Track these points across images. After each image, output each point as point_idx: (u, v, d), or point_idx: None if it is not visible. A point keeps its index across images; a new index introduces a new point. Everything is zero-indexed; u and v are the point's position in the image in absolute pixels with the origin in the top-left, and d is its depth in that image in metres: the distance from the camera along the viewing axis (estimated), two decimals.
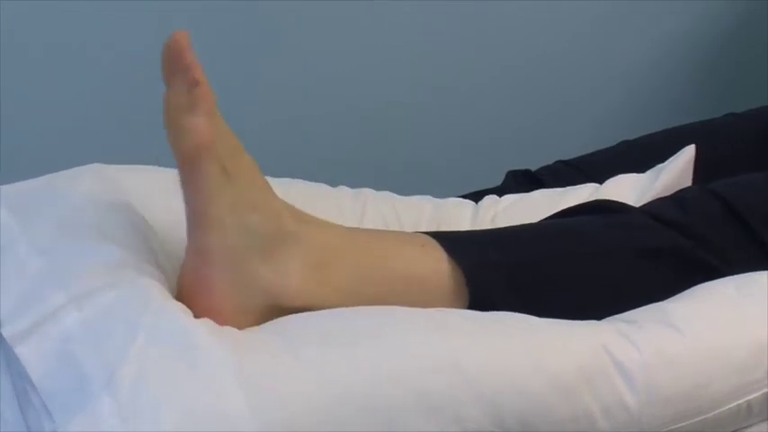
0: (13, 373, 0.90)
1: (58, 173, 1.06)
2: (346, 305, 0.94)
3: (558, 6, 1.91)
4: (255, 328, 0.91)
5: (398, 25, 1.82)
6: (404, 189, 1.29)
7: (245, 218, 0.92)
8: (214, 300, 0.92)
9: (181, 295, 0.93)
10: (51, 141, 1.63)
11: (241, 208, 0.92)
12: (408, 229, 1.20)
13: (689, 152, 1.22)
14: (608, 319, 0.98)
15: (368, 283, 0.96)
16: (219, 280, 0.92)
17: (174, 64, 0.91)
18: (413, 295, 0.96)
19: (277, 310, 0.93)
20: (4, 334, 0.89)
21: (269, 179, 1.17)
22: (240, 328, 0.91)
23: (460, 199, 1.28)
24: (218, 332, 0.87)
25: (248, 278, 0.92)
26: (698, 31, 2.04)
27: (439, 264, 0.99)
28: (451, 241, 1.00)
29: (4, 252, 0.95)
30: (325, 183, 1.26)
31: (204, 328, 0.87)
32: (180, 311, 0.89)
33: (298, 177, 1.24)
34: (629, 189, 1.21)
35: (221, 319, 0.90)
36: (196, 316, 0.90)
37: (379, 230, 1.11)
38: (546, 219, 1.11)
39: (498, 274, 0.99)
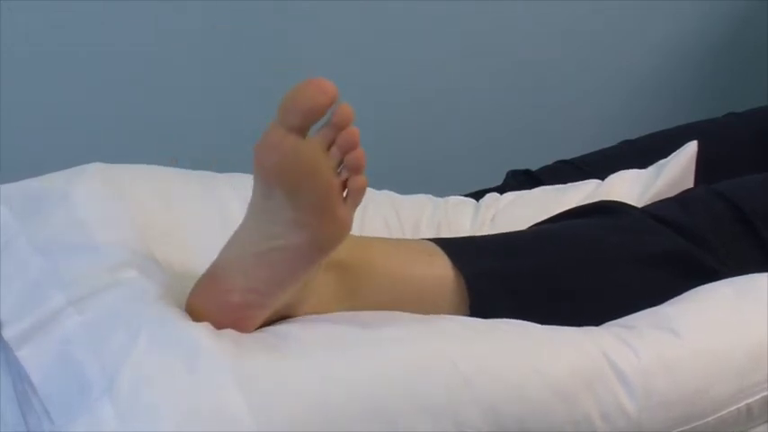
0: (14, 373, 0.90)
1: (58, 172, 1.06)
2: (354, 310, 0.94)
3: (558, 7, 1.91)
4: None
5: (399, 25, 1.82)
6: (404, 188, 1.29)
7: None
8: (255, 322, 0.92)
9: (202, 286, 0.92)
10: (51, 141, 1.63)
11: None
12: (408, 227, 1.20)
13: (691, 148, 1.22)
14: (607, 324, 0.98)
15: (376, 290, 0.96)
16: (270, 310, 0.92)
17: (339, 125, 0.88)
18: (416, 303, 0.97)
19: (285, 317, 0.93)
20: (5, 336, 0.89)
21: None
22: (249, 330, 0.91)
23: (461, 197, 1.27)
24: (218, 334, 0.87)
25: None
26: (698, 31, 2.04)
27: (442, 272, 0.99)
28: (455, 249, 1.00)
29: (5, 251, 0.95)
30: None
31: (203, 330, 0.87)
32: (179, 315, 0.89)
33: None
34: (632, 185, 1.21)
35: (236, 322, 0.90)
36: (209, 313, 0.89)
37: (386, 239, 1.11)
38: (548, 220, 1.11)
39: (500, 282, 0.99)
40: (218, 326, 0.89)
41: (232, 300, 0.89)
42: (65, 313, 0.88)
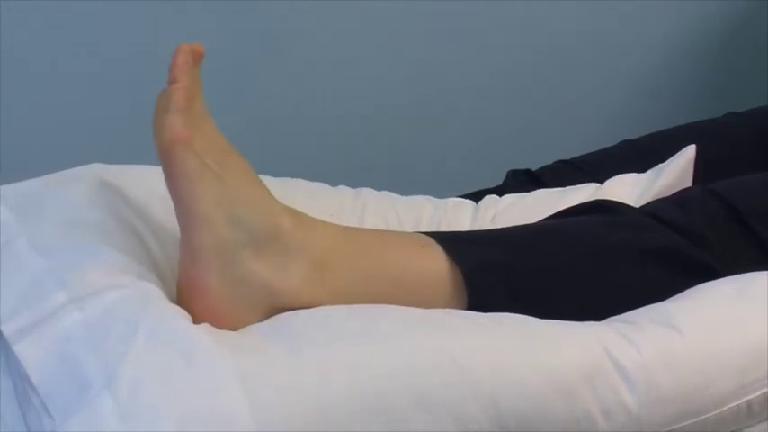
0: (14, 373, 0.90)
1: (58, 173, 1.06)
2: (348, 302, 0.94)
3: (557, 7, 1.91)
4: (254, 326, 0.91)
5: (399, 25, 1.83)
6: (404, 189, 1.29)
7: (233, 211, 0.91)
8: (208, 300, 0.91)
9: (179, 299, 0.93)
10: (51, 141, 1.63)
11: (228, 202, 0.91)
12: (408, 229, 1.20)
13: (689, 152, 1.22)
14: (608, 319, 0.98)
15: (367, 283, 0.96)
16: (211, 278, 0.91)
17: (171, 66, 0.93)
18: (412, 296, 0.96)
19: (277, 309, 0.93)
20: (4, 332, 0.89)
21: (269, 179, 1.18)
22: (239, 327, 0.91)
23: (461, 199, 1.27)
24: (217, 334, 0.87)
25: (242, 274, 0.92)
26: (698, 31, 2.04)
27: (438, 264, 0.98)
28: (451, 242, 1.00)
29: (4, 251, 0.95)
30: (325, 183, 1.26)
31: (203, 330, 0.87)
32: (179, 315, 0.89)
33: (298, 177, 1.24)
34: (630, 188, 1.21)
35: (219, 320, 0.90)
36: (195, 320, 0.90)
37: (378, 230, 1.11)
38: (545, 219, 1.11)
39: (497, 275, 0.99)
40: (188, 304, 0.91)
41: (182, 272, 0.92)
42: (64, 311, 0.88)
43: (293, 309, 0.93)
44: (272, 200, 0.96)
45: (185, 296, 0.92)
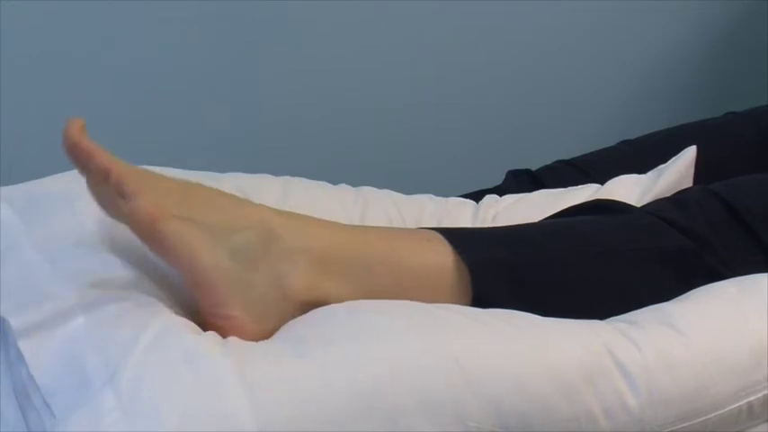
0: (14, 372, 0.90)
1: (60, 174, 1.06)
2: (351, 299, 0.94)
3: (557, 7, 1.92)
4: None
5: (399, 24, 1.83)
6: (404, 189, 1.29)
7: (227, 245, 0.91)
8: (244, 330, 0.91)
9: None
10: (53, 142, 1.63)
11: (219, 239, 0.91)
12: (410, 225, 1.20)
13: (690, 153, 1.22)
14: (610, 319, 0.98)
15: (372, 276, 0.96)
16: (238, 310, 0.91)
17: (77, 161, 0.92)
18: (417, 290, 0.96)
19: (291, 307, 0.93)
20: (13, 325, 0.89)
21: (269, 177, 1.18)
22: (267, 334, 0.91)
23: (461, 198, 1.27)
24: (222, 341, 0.87)
25: (259, 292, 0.92)
26: (698, 31, 2.04)
27: (444, 258, 0.98)
28: (457, 236, 1.00)
29: (9, 252, 0.96)
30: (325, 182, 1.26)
31: (208, 338, 0.87)
32: (183, 323, 0.89)
33: (298, 177, 1.24)
34: (631, 189, 1.21)
35: (248, 337, 0.90)
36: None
37: (383, 227, 1.11)
38: (548, 217, 1.11)
39: (502, 270, 0.99)
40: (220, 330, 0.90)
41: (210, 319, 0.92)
42: (69, 313, 0.88)
43: (303, 303, 0.93)
44: (251, 207, 0.95)
45: (215, 328, 0.91)
